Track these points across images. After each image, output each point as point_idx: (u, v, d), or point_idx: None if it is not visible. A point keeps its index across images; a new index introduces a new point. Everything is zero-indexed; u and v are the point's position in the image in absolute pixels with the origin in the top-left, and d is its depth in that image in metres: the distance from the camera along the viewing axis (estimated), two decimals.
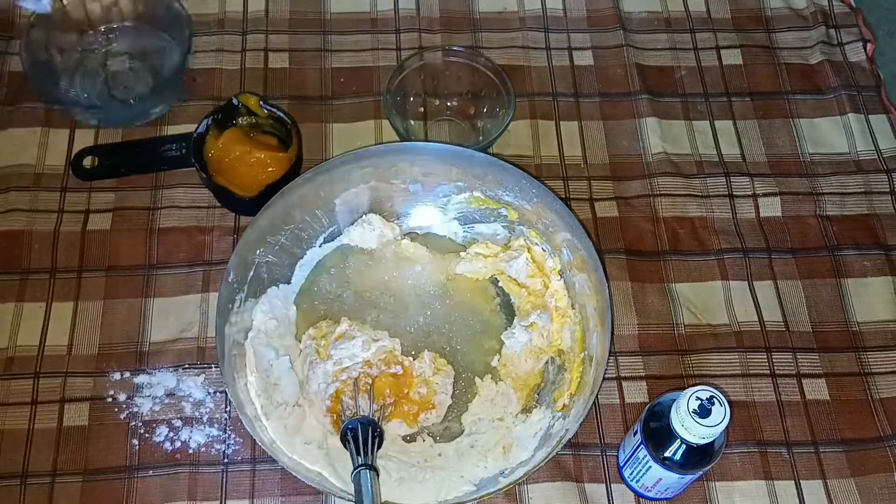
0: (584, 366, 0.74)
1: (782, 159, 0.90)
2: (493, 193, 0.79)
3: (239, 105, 0.84)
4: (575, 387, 0.73)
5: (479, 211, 0.81)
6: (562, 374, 0.76)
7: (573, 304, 0.77)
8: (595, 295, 0.74)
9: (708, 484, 0.73)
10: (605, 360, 0.69)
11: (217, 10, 0.95)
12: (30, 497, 0.71)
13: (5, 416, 0.74)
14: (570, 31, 0.97)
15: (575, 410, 0.71)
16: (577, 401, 0.71)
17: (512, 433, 0.73)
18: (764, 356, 0.79)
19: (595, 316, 0.74)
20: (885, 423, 0.76)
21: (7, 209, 0.83)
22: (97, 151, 0.86)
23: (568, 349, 0.76)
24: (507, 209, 0.80)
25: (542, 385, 0.76)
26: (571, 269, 0.77)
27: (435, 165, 0.79)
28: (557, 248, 0.78)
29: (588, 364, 0.73)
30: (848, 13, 0.99)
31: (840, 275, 0.83)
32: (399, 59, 0.93)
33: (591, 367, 0.72)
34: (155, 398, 0.75)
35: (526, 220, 0.79)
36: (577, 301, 0.77)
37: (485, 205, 0.80)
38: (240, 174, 0.82)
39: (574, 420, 0.69)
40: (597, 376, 0.70)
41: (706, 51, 0.96)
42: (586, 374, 0.73)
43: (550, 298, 0.78)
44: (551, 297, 0.78)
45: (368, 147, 0.80)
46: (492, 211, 0.80)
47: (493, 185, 0.79)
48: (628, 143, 0.90)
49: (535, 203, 0.77)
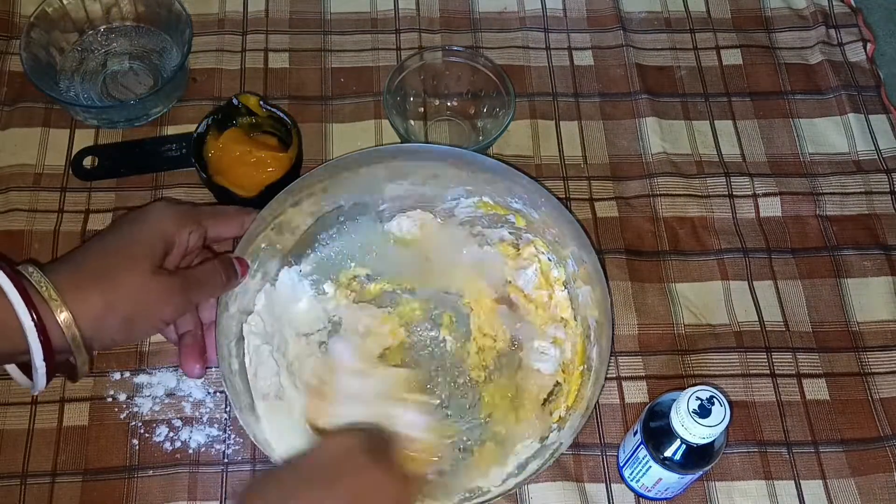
0: (583, 378, 0.73)
1: (782, 159, 0.90)
2: (502, 199, 0.78)
3: (239, 105, 0.84)
4: (572, 399, 0.73)
5: (486, 216, 0.80)
6: (559, 385, 0.75)
7: (576, 315, 0.77)
8: (597, 308, 0.73)
9: (708, 484, 0.73)
10: (603, 375, 0.69)
11: (217, 10, 0.95)
12: (30, 497, 0.71)
13: (5, 416, 0.74)
14: (570, 31, 0.97)
15: (570, 423, 0.70)
16: (574, 414, 0.71)
17: (505, 445, 0.73)
18: (764, 356, 0.79)
19: (596, 329, 0.73)
20: (885, 423, 0.76)
21: (7, 209, 0.82)
22: (97, 151, 0.86)
23: (568, 361, 0.76)
24: (515, 216, 0.79)
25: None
26: (576, 281, 0.76)
27: (445, 168, 0.77)
28: (563, 258, 0.77)
29: (587, 377, 0.73)
30: (848, 13, 0.99)
31: (840, 275, 0.83)
32: (399, 59, 0.93)
33: (590, 381, 0.71)
34: (155, 398, 0.75)
35: (533, 228, 0.79)
36: (579, 313, 0.76)
37: (493, 210, 0.79)
38: (240, 174, 0.82)
39: (569, 433, 0.69)
40: (594, 391, 0.69)
41: (706, 51, 0.96)
42: (584, 387, 0.72)
43: (555, 309, 0.78)
44: (556, 307, 0.78)
45: (377, 147, 0.79)
46: (500, 217, 0.80)
47: (502, 191, 0.78)
48: (628, 143, 0.90)
49: (543, 212, 0.76)
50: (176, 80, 0.87)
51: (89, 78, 0.90)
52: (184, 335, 0.69)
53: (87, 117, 0.87)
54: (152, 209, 0.67)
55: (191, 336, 0.69)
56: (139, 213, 0.67)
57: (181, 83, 0.89)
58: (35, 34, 0.86)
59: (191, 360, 0.68)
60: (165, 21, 0.90)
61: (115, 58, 0.92)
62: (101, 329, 0.60)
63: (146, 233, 0.65)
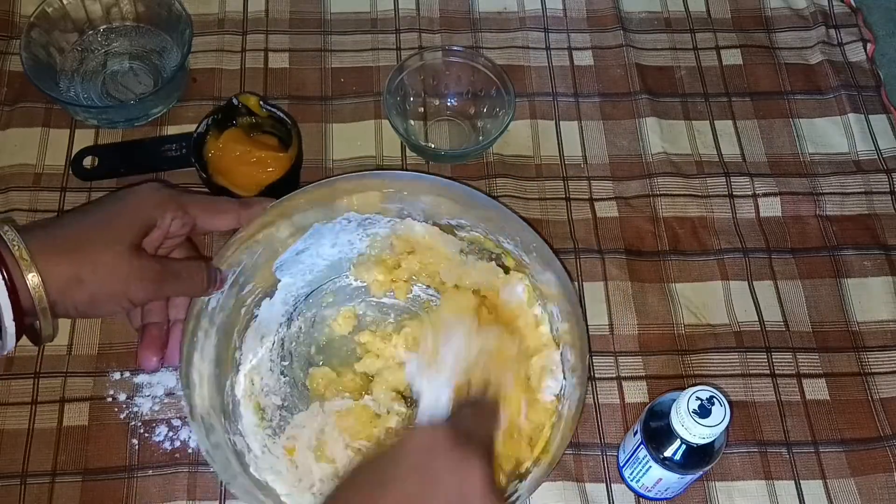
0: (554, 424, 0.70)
1: (782, 159, 0.90)
2: (494, 238, 0.76)
3: (239, 105, 0.84)
4: (539, 449, 0.69)
5: (478, 251, 0.78)
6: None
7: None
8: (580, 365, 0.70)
9: (708, 484, 0.73)
10: (575, 422, 0.66)
11: (217, 10, 0.95)
12: (30, 497, 0.71)
13: (5, 416, 0.74)
14: (570, 31, 0.97)
15: (533, 476, 0.67)
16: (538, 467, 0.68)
17: None
18: (764, 356, 0.79)
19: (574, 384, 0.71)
20: (885, 423, 0.76)
21: (7, 209, 0.82)
22: (97, 151, 0.86)
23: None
24: (505, 256, 0.77)
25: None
26: (558, 332, 0.74)
27: (439, 200, 0.76)
28: (548, 310, 0.75)
29: (557, 425, 0.70)
30: (848, 13, 0.99)
31: (840, 275, 0.83)
32: (399, 59, 0.93)
33: (559, 431, 0.69)
34: (155, 398, 0.75)
35: (522, 269, 0.76)
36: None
37: (484, 245, 0.78)
38: (240, 174, 0.82)
39: (528, 489, 0.66)
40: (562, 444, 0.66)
41: (706, 51, 0.96)
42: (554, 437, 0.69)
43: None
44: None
45: (376, 171, 0.79)
46: (488, 252, 0.78)
47: (495, 229, 0.76)
48: (628, 143, 0.90)
49: (534, 258, 0.74)
50: (176, 80, 0.87)
51: (89, 78, 0.90)
52: (148, 325, 0.68)
53: (87, 117, 0.87)
54: (140, 189, 0.66)
55: (156, 328, 0.68)
56: (126, 191, 0.66)
57: (181, 83, 0.89)
58: (35, 34, 0.86)
59: (149, 351, 0.67)
60: (165, 21, 0.90)
61: (115, 58, 0.92)
62: (66, 297, 0.60)
63: (127, 210, 0.64)
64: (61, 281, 0.59)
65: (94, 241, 0.61)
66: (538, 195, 0.86)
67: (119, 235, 0.62)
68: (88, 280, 0.60)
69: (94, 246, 0.61)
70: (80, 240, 0.61)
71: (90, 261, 0.60)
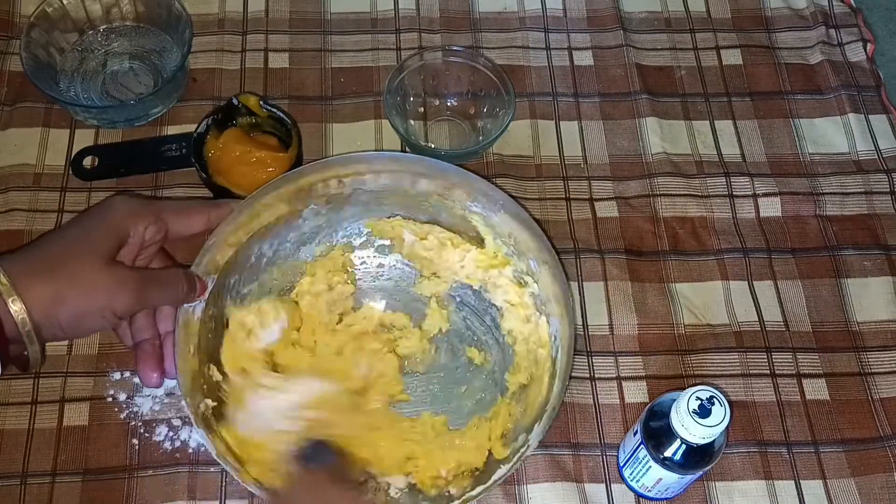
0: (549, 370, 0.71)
1: (782, 159, 0.90)
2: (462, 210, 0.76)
3: (239, 105, 0.84)
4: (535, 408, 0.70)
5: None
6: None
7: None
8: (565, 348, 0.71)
9: (708, 484, 0.73)
10: (555, 410, 0.67)
11: (217, 10, 0.95)
12: (30, 497, 0.71)
13: (5, 416, 0.74)
14: (570, 31, 0.97)
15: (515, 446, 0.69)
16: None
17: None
18: (764, 356, 0.79)
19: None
20: (885, 423, 0.76)
21: (7, 209, 0.82)
22: (97, 151, 0.86)
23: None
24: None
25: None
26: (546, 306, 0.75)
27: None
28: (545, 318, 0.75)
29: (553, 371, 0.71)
30: (848, 13, 0.99)
31: (840, 275, 0.83)
32: (399, 59, 0.93)
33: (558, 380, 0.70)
34: (155, 397, 0.75)
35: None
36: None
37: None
38: (240, 174, 0.82)
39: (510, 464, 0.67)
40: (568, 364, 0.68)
41: (706, 51, 0.96)
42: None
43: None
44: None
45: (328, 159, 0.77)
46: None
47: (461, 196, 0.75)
48: (628, 143, 0.90)
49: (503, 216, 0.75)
50: (176, 80, 0.87)
51: (89, 78, 0.90)
52: (142, 342, 0.68)
53: (87, 117, 0.87)
54: (110, 202, 0.66)
55: (149, 344, 0.68)
56: (97, 206, 0.67)
57: (181, 83, 0.89)
58: (35, 34, 0.86)
59: (148, 368, 0.67)
60: (165, 21, 0.90)
61: (115, 58, 0.92)
62: (50, 318, 0.60)
63: (100, 224, 0.64)
64: (43, 302, 0.59)
65: (70, 257, 0.61)
66: (538, 195, 0.86)
67: (94, 248, 0.62)
68: (69, 297, 0.60)
69: (71, 262, 0.61)
70: (56, 258, 0.61)
71: (68, 277, 0.60)
